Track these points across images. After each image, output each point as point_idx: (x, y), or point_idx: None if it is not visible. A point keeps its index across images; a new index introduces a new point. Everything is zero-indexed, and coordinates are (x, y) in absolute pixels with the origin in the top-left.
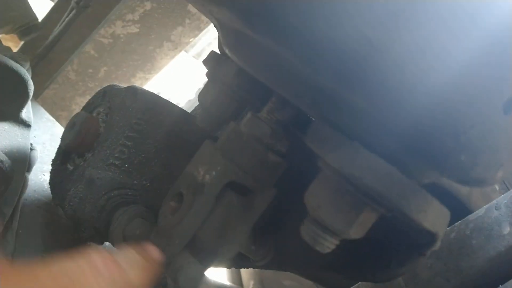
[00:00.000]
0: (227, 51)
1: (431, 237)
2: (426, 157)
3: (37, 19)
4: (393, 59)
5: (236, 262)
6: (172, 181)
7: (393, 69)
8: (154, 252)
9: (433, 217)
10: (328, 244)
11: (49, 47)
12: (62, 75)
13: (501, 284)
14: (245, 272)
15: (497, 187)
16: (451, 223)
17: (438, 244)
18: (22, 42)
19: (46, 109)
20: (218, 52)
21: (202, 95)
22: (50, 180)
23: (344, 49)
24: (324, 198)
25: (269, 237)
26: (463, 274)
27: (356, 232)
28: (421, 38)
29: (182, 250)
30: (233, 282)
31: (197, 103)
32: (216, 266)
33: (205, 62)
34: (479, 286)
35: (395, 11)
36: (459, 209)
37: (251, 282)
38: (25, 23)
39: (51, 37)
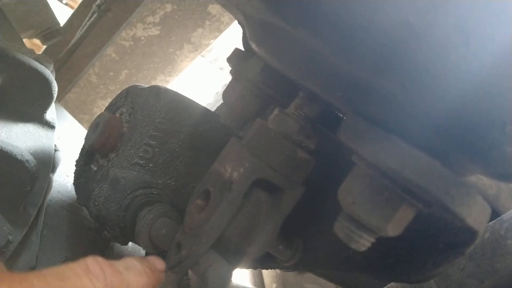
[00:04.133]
0: (253, 45)
1: (471, 234)
2: (469, 149)
3: (59, 24)
4: (435, 44)
5: (263, 263)
6: (196, 179)
7: (435, 55)
8: (156, 261)
9: (477, 213)
10: (364, 242)
11: (70, 52)
12: (83, 79)
13: None
14: (267, 275)
15: None
16: None
17: (476, 242)
18: (44, 47)
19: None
20: (242, 49)
21: (226, 93)
22: (74, 180)
23: (384, 35)
24: (360, 193)
25: (297, 237)
26: (498, 275)
27: (393, 229)
28: (465, 21)
29: (209, 249)
30: (255, 285)
31: (215, 106)
32: (243, 266)
33: (229, 59)
34: None
35: None
36: None
37: (274, 285)
38: (47, 28)
39: (72, 42)
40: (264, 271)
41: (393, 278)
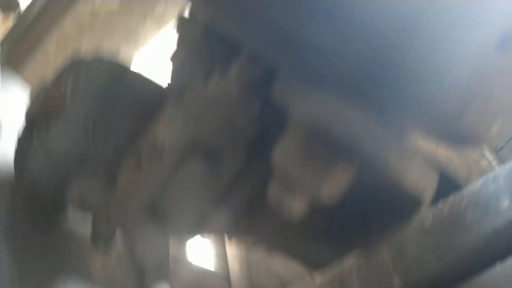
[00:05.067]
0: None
1: (413, 200)
2: (406, 105)
3: None
4: None
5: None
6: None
7: None
8: None
9: (415, 176)
10: (297, 206)
11: (27, 27)
12: (41, 55)
13: (499, 261)
14: (232, 257)
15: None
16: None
17: (425, 212)
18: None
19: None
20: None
21: (172, 59)
22: (14, 154)
23: None
24: (293, 155)
25: (240, 209)
26: (456, 252)
27: (329, 191)
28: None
29: (142, 219)
30: (219, 266)
31: None
32: (186, 237)
33: (176, 28)
34: (472, 264)
35: None
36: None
37: (238, 267)
38: None
39: (29, 17)
40: (229, 255)
41: (339, 246)
